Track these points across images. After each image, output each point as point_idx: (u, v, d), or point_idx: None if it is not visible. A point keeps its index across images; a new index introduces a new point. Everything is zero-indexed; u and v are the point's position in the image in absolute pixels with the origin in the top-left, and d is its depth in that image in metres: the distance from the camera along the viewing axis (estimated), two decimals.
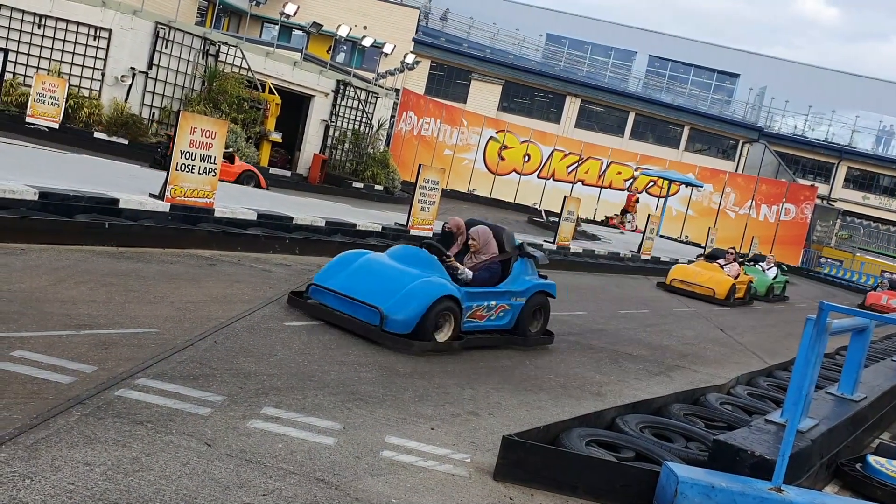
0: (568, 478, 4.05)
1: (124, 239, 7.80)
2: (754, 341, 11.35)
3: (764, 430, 4.66)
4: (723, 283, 15.30)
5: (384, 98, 26.89)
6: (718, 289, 15.19)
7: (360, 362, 5.55)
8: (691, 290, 15.31)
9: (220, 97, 19.89)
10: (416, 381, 5.42)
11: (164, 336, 5.09)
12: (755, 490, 3.87)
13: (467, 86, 43.63)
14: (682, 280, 15.60)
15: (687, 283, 15.47)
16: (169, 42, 19.67)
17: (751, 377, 7.67)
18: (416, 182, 12.79)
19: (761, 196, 36.70)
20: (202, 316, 5.80)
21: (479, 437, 4.60)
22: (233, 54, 21.07)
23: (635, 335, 9.57)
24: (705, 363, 8.74)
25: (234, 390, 4.38)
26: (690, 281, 15.51)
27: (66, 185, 8.48)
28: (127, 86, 19.14)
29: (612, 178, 37.87)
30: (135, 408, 3.82)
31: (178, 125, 8.99)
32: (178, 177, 9.00)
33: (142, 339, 4.91)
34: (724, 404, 6.19)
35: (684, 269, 16.25)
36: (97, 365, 4.29)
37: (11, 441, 3.21)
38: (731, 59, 49.37)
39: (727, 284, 15.31)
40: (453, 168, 35.00)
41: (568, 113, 44.17)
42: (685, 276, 15.70)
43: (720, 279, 15.44)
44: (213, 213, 9.40)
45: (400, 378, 5.41)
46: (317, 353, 5.52)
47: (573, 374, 6.82)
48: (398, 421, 4.53)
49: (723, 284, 15.29)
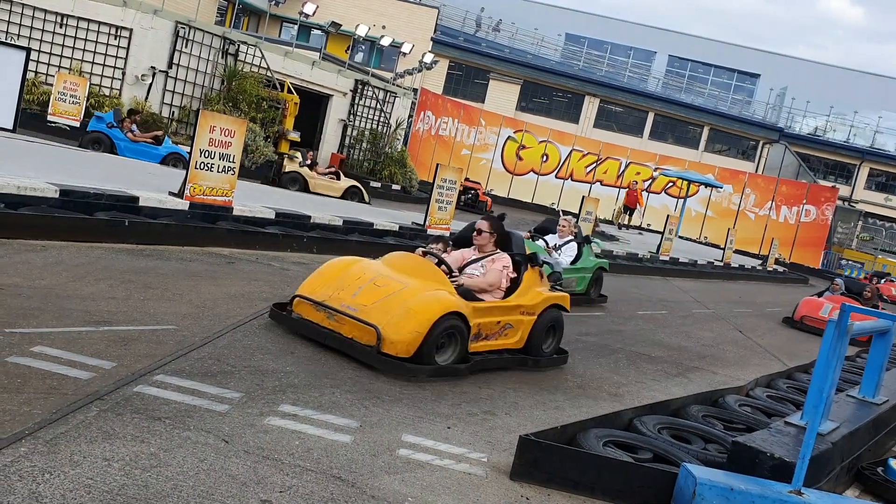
0: (585, 478, 4.03)
1: (144, 236, 7.85)
2: (774, 343, 11.26)
3: (784, 432, 4.62)
4: None
5: (402, 97, 26.92)
6: None
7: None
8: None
9: (239, 96, 19.98)
10: (433, 380, 5.41)
11: (183, 333, 5.11)
12: (774, 493, 3.83)
13: (485, 85, 43.61)
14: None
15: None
16: (189, 41, 19.78)
17: (770, 379, 7.61)
18: (434, 181, 12.79)
19: (781, 197, 36.41)
20: (220, 313, 5.82)
21: (495, 437, 4.58)
22: (252, 53, 21.17)
23: (653, 336, 9.52)
24: (724, 365, 8.68)
25: (251, 387, 4.39)
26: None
27: (86, 183, 8.55)
28: (147, 85, 19.27)
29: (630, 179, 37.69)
30: (153, 404, 3.85)
31: (197, 124, 9.04)
32: (197, 175, 9.05)
33: (160, 336, 4.94)
34: (742, 406, 6.14)
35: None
36: (116, 361, 4.31)
37: (31, 436, 3.24)
38: (752, 59, 49.02)
39: None
40: (471, 168, 34.99)
41: (587, 113, 44.05)
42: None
43: None
44: (231, 211, 9.45)
45: (416, 376, 5.40)
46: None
47: (591, 374, 6.79)
48: (415, 419, 4.53)
49: None
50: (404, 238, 11.79)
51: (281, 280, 7.64)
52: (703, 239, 34.57)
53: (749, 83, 50.25)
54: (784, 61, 48.84)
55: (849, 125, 45.56)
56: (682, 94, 46.60)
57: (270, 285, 7.27)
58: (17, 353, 4.10)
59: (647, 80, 48.28)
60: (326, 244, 9.88)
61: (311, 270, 8.50)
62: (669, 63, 50.23)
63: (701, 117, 43.67)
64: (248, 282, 7.24)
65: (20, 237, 6.77)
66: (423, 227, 12.61)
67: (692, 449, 4.75)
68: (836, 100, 44.77)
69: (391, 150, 25.85)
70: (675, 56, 50.10)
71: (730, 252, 23.43)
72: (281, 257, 8.90)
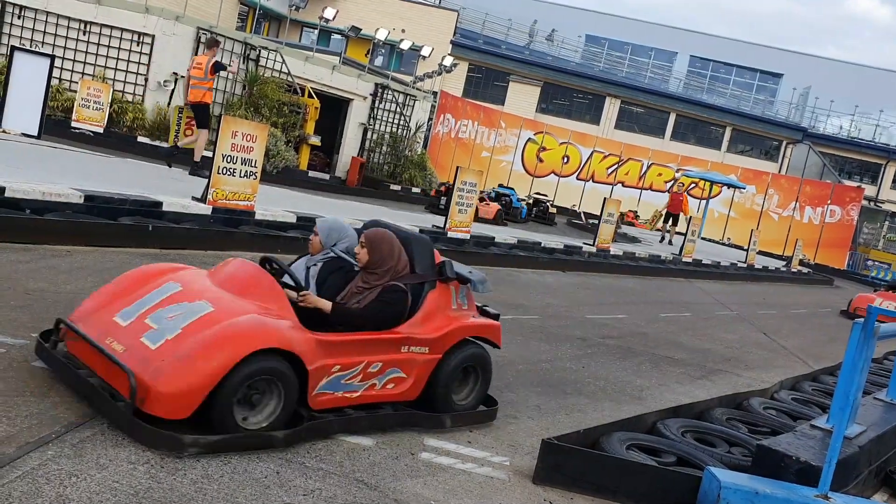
0: (608, 482, 4.02)
1: (167, 241, 7.92)
2: (798, 345, 11.15)
3: (809, 435, 4.58)
4: None
5: (422, 101, 26.97)
6: None
7: None
8: None
9: (260, 101, 20.11)
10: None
11: None
12: (801, 497, 3.80)
13: (505, 87, 43.59)
14: None
15: None
16: None
17: (795, 382, 7.54)
18: (454, 184, 12.80)
19: (805, 198, 36.08)
20: None
21: (518, 441, 4.58)
22: (273, 59, 21.30)
23: (677, 339, 9.46)
24: (748, 367, 8.61)
25: None
26: None
27: (110, 189, 8.64)
28: (169, 90, 19.44)
29: (652, 180, 37.53)
30: None
31: (219, 129, 9.11)
32: (219, 180, 9.11)
33: None
34: (767, 409, 6.09)
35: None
36: None
37: (58, 439, 3.28)
38: (774, 59, 48.61)
39: None
40: (491, 170, 34.99)
41: (608, 114, 43.90)
42: None
43: None
44: (253, 215, 9.51)
45: None
46: None
47: (613, 377, 6.77)
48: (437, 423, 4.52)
49: None
50: None
51: None
52: (726, 240, 34.32)
53: (772, 83, 49.84)
54: (807, 60, 48.38)
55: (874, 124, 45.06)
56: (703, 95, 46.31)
57: None
58: None
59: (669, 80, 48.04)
60: None
61: None
62: (691, 63, 49.94)
63: (723, 118, 43.37)
64: None
65: (46, 242, 6.86)
66: (443, 230, 12.63)
67: (716, 452, 4.72)
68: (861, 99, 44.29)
69: (411, 154, 25.91)
70: (696, 56, 49.79)
71: (753, 253, 23.24)
72: None
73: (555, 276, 13.10)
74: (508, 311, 8.72)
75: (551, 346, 7.46)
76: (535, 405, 5.40)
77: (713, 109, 43.72)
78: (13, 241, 6.61)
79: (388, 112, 25.27)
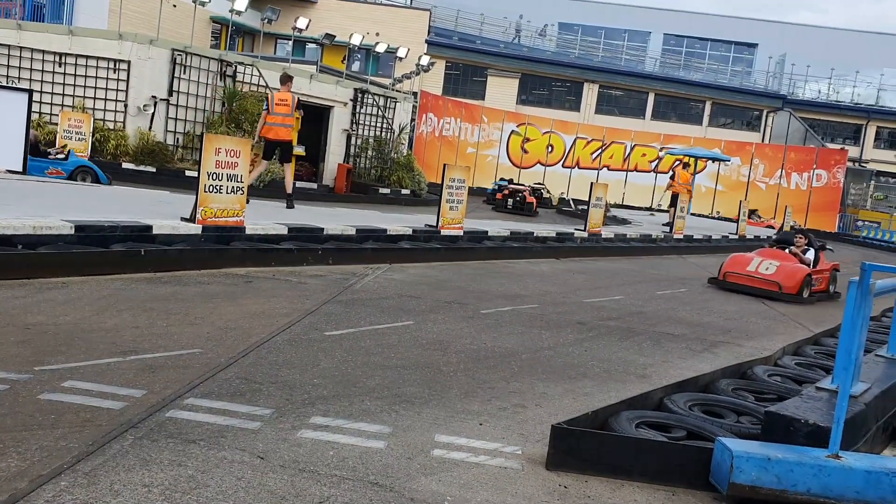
0: (621, 462, 4.02)
1: (160, 264, 7.90)
2: (798, 312, 11.19)
3: (816, 397, 4.60)
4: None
5: (403, 102, 26.95)
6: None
7: (402, 365, 5.57)
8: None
9: (241, 116, 20.08)
10: (461, 379, 5.42)
11: (208, 355, 5.14)
12: (812, 458, 3.81)
13: (484, 82, 43.61)
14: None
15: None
16: (187, 67, 19.89)
17: (797, 347, 7.56)
18: (443, 182, 12.80)
19: (791, 164, 36.19)
20: (243, 333, 5.85)
21: (528, 429, 4.58)
22: (250, 73, 21.27)
23: (675, 314, 9.48)
24: (749, 337, 8.64)
25: (281, 402, 4.41)
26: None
27: (100, 217, 8.62)
28: (150, 114, 19.40)
29: (637, 161, 37.63)
30: (186, 427, 3.87)
31: (202, 148, 9.09)
32: (206, 198, 9.09)
33: (186, 360, 4.96)
34: (772, 376, 6.11)
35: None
36: (146, 388, 4.34)
37: (70, 469, 3.27)
38: (748, 29, 48.75)
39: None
40: (478, 165, 35.03)
41: (587, 100, 43.96)
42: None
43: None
44: (244, 230, 9.49)
45: (443, 377, 5.42)
46: (359, 359, 5.55)
47: (616, 358, 6.78)
48: (446, 419, 4.53)
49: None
50: (419, 241, 11.82)
51: (300, 294, 7.66)
52: (715, 214, 34.41)
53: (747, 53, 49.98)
54: (781, 28, 48.53)
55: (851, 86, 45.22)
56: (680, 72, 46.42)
57: (289, 300, 7.30)
58: (49, 390, 4.14)
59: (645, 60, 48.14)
60: (342, 255, 9.91)
61: (329, 283, 8.54)
62: (665, 41, 50.04)
63: (702, 92, 43.49)
64: (267, 299, 7.27)
65: (40, 276, 6.83)
66: (436, 229, 12.62)
67: (725, 423, 4.73)
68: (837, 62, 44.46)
69: (397, 156, 25.90)
70: (670, 34, 49.91)
71: (744, 224, 23.30)
72: (297, 272, 8.93)
73: (549, 263, 13.11)
74: (506, 302, 8.73)
75: (552, 332, 7.47)
76: (542, 392, 5.40)
77: (691, 85, 43.84)
78: (8, 277, 6.58)
79: (370, 116, 25.24)
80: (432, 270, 10.47)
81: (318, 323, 6.50)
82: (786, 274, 12.17)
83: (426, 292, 8.74)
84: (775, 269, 12.28)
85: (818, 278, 12.75)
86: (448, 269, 10.74)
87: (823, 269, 13.14)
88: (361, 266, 9.86)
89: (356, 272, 9.40)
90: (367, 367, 5.37)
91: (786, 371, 6.35)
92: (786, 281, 12.06)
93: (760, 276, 12.27)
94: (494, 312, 8.07)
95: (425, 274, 10.10)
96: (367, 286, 8.63)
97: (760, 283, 12.20)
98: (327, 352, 5.63)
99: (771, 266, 12.36)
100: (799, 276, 12.11)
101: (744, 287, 12.20)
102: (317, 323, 6.50)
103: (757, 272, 12.30)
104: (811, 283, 12.36)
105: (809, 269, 12.43)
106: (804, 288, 12.13)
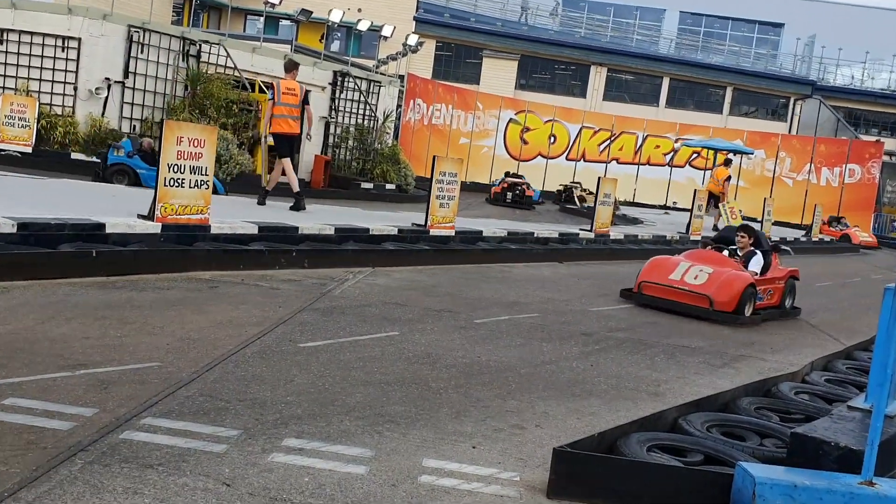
0: (630, 489, 4.03)
1: (114, 267, 7.87)
2: (828, 321, 11.24)
3: (847, 418, 4.62)
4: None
5: (388, 86, 26.97)
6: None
7: (385, 380, 5.57)
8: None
9: (205, 101, 20.04)
10: (451, 396, 5.42)
11: (168, 369, 5.13)
12: (843, 486, 3.83)
13: (479, 64, 43.68)
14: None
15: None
16: (145, 46, 19.84)
17: (827, 361, 7.61)
18: (432, 176, 12.81)
19: (821, 158, 36.35)
20: (208, 344, 5.84)
21: (527, 452, 4.59)
22: (216, 53, 21.23)
23: (692, 325, 9.51)
24: (774, 350, 8.68)
25: (250, 423, 4.40)
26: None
27: (46, 214, 8.58)
28: (103, 99, 19.34)
29: (650, 154, 37.72)
30: (143, 450, 3.86)
31: (162, 136, 9.07)
32: (167, 193, 9.07)
33: (143, 375, 4.95)
34: (799, 394, 6.14)
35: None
36: (97, 407, 4.33)
37: (12, 497, 3.25)
38: (774, 8, 48.94)
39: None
40: (471, 157, 35.07)
41: (594, 85, 44.09)
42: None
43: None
44: (209, 229, 9.48)
45: (432, 394, 5.42)
46: (337, 374, 5.54)
47: (625, 373, 6.80)
48: (435, 441, 4.54)
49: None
50: (405, 242, 11.81)
51: (271, 301, 7.66)
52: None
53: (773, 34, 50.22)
54: (810, 6, 48.75)
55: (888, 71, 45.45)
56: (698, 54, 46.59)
57: (260, 308, 7.29)
58: None
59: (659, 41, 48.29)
60: (319, 256, 9.90)
61: (304, 288, 8.53)
62: (681, 20, 50.22)
63: (722, 77, 43.65)
64: (235, 306, 7.26)
65: None
66: (424, 228, 12.63)
67: (747, 446, 4.75)
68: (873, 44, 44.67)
69: (381, 146, 25.90)
70: (687, 12, 50.08)
71: (768, 225, 23.41)
72: (269, 276, 8.92)
73: (552, 267, 13.14)
74: (504, 311, 8.74)
75: (554, 345, 7.48)
76: (543, 412, 5.41)
77: (710, 69, 43.99)
78: None
79: (351, 102, 25.24)
80: (420, 275, 10.48)
81: (292, 333, 6.50)
82: (719, 284, 9.98)
83: (413, 299, 8.74)
84: (706, 277, 10.11)
85: (768, 290, 10.73)
86: (438, 274, 10.75)
87: (776, 277, 11.05)
88: (341, 270, 9.85)
89: (335, 276, 9.40)
90: (346, 383, 5.36)
91: (814, 388, 6.39)
92: (719, 294, 9.91)
93: (687, 287, 10.11)
94: (490, 322, 8.08)
95: (412, 279, 10.11)
96: (348, 292, 8.63)
97: (685, 296, 10.07)
98: (302, 366, 5.63)
99: (701, 274, 10.18)
100: (737, 288, 9.95)
101: (664, 302, 10.14)
102: (291, 333, 6.49)
103: (682, 282, 10.17)
104: (756, 296, 10.28)
105: (753, 279, 10.31)
106: (745, 303, 9.99)
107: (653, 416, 4.99)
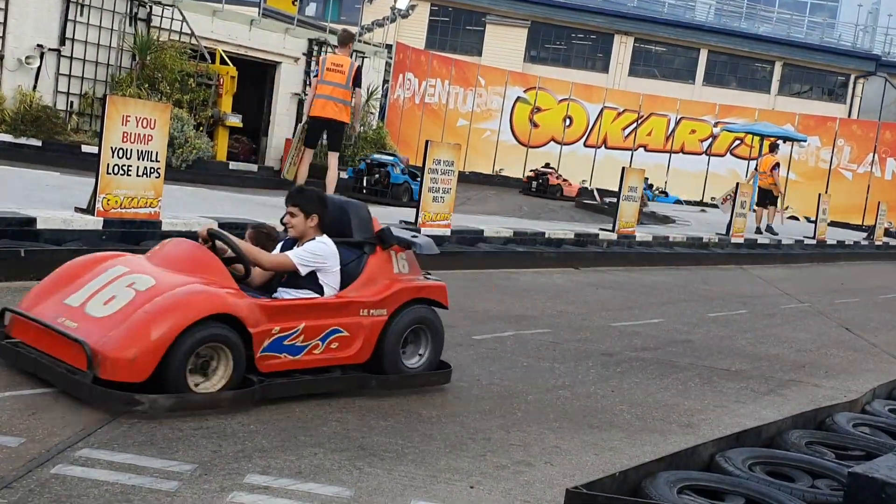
0: None
1: (46, 268, 7.80)
2: (893, 340, 11.26)
3: None
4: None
5: (373, 58, 26.98)
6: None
7: (367, 406, 5.57)
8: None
9: (157, 74, 19.99)
10: (446, 427, 5.42)
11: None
12: None
13: (482, 32, 43.70)
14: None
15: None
16: (85, 8, 19.80)
17: (892, 388, 7.61)
18: (424, 164, 12.81)
19: (885, 146, 36.44)
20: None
21: (534, 494, 4.59)
22: (169, 17, 21.20)
23: (732, 344, 9.53)
24: (829, 374, 8.69)
25: (206, 455, 4.40)
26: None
27: None
28: (34, 69, 19.30)
29: (684, 140, 37.76)
30: (78, 487, 3.85)
31: (105, 114, 9.06)
32: (110, 182, 9.05)
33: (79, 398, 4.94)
34: (858, 426, 6.14)
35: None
36: (24, 436, 4.32)
37: None
38: None
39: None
40: (471, 143, 35.07)
41: (619, 58, 44.15)
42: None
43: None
44: (160, 225, 9.47)
45: (423, 423, 5.42)
46: (311, 397, 5.54)
47: (653, 401, 6.80)
48: (426, 479, 4.54)
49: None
50: None
51: None
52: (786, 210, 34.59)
53: (830, 1, 50.29)
54: None
55: None
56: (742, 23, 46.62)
57: None
58: None
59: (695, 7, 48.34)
60: None
61: None
62: None
63: (770, 50, 43.70)
64: None
65: None
66: (415, 227, 12.63)
67: (796, 488, 4.75)
68: None
69: (364, 129, 25.90)
70: None
71: (823, 225, 23.45)
72: None
73: (566, 274, 13.15)
74: (507, 325, 8.75)
75: (569, 366, 7.49)
76: (554, 445, 5.41)
77: (756, 41, 44.03)
78: None
79: None
80: None
81: None
82: (122, 325, 5.01)
83: None
84: (121, 305, 5.18)
85: (326, 329, 5.69)
86: None
87: (362, 299, 5.92)
88: None
89: None
90: (321, 409, 5.36)
91: (876, 420, 6.39)
92: (114, 345, 4.88)
93: (61, 328, 5.13)
94: (491, 339, 8.08)
95: None
96: None
97: (57, 345, 5.12)
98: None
99: (123, 294, 5.24)
100: (157, 333, 4.91)
101: (28, 356, 5.20)
102: None
103: (68, 314, 5.26)
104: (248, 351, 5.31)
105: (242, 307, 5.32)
106: (175, 365, 4.95)
107: (685, 452, 4.98)
